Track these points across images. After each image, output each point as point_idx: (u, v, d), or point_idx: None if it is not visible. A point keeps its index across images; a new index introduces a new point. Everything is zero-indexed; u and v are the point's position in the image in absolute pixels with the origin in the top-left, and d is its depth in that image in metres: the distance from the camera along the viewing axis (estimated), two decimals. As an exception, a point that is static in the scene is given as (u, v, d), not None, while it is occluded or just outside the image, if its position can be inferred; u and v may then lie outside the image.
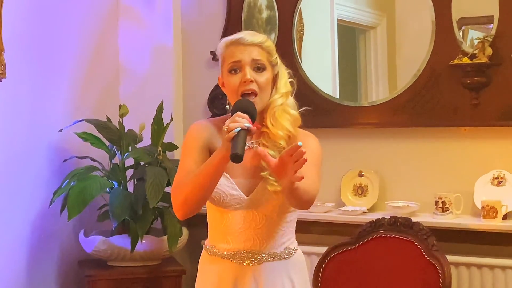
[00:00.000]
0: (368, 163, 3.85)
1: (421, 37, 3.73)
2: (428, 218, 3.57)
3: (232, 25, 4.08)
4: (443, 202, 3.54)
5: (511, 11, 3.49)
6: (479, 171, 3.57)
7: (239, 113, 2.13)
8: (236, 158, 2.04)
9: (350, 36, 4.13)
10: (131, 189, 3.89)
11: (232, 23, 4.11)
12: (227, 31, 4.04)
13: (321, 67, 4.15)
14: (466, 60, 3.53)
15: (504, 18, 3.50)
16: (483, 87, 3.53)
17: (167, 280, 3.83)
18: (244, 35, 2.32)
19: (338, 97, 4.00)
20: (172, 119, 3.95)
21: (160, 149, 3.81)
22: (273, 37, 4.01)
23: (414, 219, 3.43)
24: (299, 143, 1.97)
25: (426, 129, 3.71)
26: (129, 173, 3.91)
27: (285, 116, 2.31)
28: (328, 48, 4.09)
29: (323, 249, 3.53)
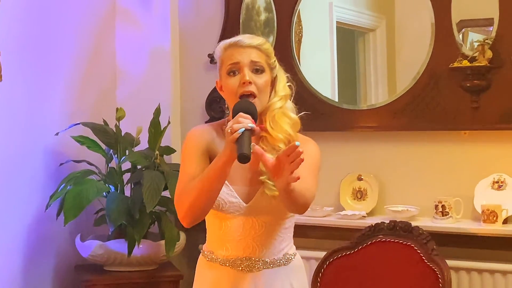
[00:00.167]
0: (367, 167, 3.83)
1: (420, 39, 3.72)
2: (427, 222, 3.56)
3: (230, 27, 4.06)
4: (443, 206, 3.53)
5: (511, 13, 3.47)
6: (479, 175, 3.55)
7: (241, 113, 2.13)
8: (243, 158, 2.03)
9: (349, 38, 4.12)
10: (128, 193, 3.87)
11: (230, 25, 4.10)
12: (225, 33, 4.02)
13: (320, 69, 4.14)
14: (466, 63, 3.51)
15: (504, 20, 3.48)
16: (483, 90, 3.52)
17: (164, 285, 3.81)
18: (242, 37, 2.32)
19: (337, 100, 3.99)
20: (169, 123, 3.93)
21: (157, 152, 3.80)
22: (271, 39, 3.99)
23: (413, 224, 3.42)
24: (297, 143, 1.97)
25: (425, 132, 3.69)
26: (126, 177, 3.90)
27: (285, 119, 2.31)
28: (327, 50, 4.08)
29: (322, 254, 3.52)
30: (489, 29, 3.55)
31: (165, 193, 3.67)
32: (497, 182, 3.52)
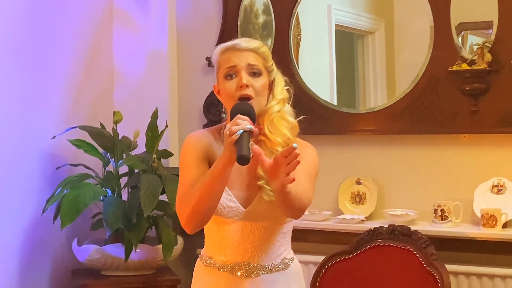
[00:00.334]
0: (366, 171, 3.82)
1: (419, 42, 3.71)
2: (426, 226, 3.55)
3: (228, 30, 4.05)
4: (442, 210, 3.51)
5: (510, 16, 3.47)
6: (479, 178, 3.54)
7: (239, 115, 2.12)
8: (243, 159, 2.02)
9: (348, 41, 4.11)
10: (125, 197, 3.85)
11: (228, 28, 4.08)
12: (223, 36, 4.01)
13: (319, 72, 4.13)
14: (465, 66, 3.50)
15: (503, 23, 3.47)
16: (483, 93, 3.51)
17: (161, 289, 3.80)
18: (239, 41, 2.31)
19: (335, 103, 3.97)
20: (167, 126, 3.92)
21: (154, 156, 3.78)
22: (269, 42, 3.98)
23: (412, 228, 3.41)
24: (294, 145, 1.97)
25: (424, 136, 3.68)
26: (123, 180, 3.88)
27: (283, 123, 2.30)
28: (325, 53, 4.07)
29: (320, 258, 3.51)
30: (488, 32, 3.54)
31: (163, 197, 3.65)
32: (496, 186, 3.51)
